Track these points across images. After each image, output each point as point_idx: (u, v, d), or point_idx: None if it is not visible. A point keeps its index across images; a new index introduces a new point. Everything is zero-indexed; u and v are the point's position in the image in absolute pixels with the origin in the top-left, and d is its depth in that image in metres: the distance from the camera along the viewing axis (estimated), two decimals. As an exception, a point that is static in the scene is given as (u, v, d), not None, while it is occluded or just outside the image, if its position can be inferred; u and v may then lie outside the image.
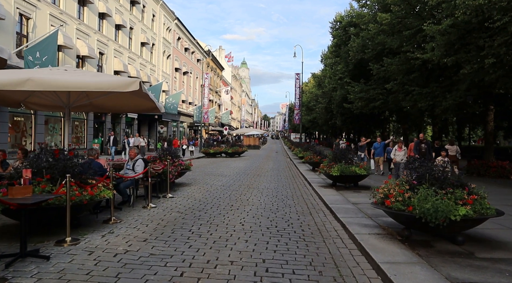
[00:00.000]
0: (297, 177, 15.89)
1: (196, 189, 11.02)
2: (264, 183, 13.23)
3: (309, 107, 52.50)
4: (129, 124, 31.97)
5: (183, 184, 12.15)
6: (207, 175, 15.53)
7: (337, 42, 27.37)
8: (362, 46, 21.26)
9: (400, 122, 29.63)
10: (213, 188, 11.37)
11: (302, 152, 24.21)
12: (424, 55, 13.49)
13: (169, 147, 28.46)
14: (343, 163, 11.53)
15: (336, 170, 11.31)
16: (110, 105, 9.72)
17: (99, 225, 6.16)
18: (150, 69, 35.33)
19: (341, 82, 24.90)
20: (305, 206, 8.81)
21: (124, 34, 29.73)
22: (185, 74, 47.39)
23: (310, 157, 18.32)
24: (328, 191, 10.83)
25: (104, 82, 6.83)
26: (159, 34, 37.52)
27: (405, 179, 5.73)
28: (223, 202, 8.94)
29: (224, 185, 12.18)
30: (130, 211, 7.39)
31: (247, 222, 6.76)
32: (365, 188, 11.51)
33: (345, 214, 7.46)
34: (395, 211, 5.16)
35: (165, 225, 6.32)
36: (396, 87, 17.87)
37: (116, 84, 6.69)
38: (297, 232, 6.19)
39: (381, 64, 19.24)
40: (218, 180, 13.57)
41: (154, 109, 9.66)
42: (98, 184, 5.83)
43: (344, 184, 11.67)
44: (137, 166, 7.97)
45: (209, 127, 59.54)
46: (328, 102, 34.89)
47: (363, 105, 22.05)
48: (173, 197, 9.31)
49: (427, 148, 11.63)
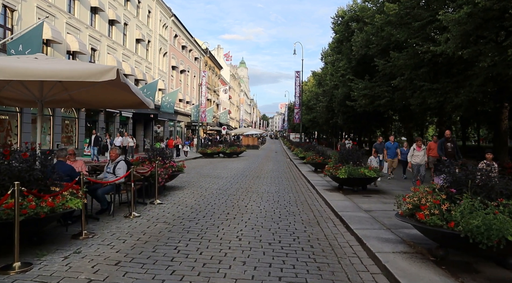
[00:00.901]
0: (299, 179, 14.85)
1: (189, 193, 9.96)
2: (264, 185, 12.18)
3: (309, 107, 51.44)
4: (124, 124, 30.87)
5: (175, 187, 11.08)
6: (203, 176, 14.47)
7: (339, 38, 26.32)
8: (366, 41, 20.21)
9: (403, 121, 28.60)
10: (208, 192, 10.31)
11: (303, 152, 23.17)
12: (437, 47, 12.45)
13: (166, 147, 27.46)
14: (351, 164, 10.49)
15: (343, 172, 10.26)
16: (92, 100, 8.67)
17: (66, 241, 5.10)
18: (145, 67, 34.24)
19: (344, 80, 23.85)
20: (311, 214, 7.76)
21: (118, 30, 28.64)
22: (182, 73, 46.28)
23: (312, 157, 17.28)
24: (335, 196, 9.79)
25: (75, 70, 5.79)
26: (155, 31, 36.42)
27: (437, 185, 4.69)
28: (218, 209, 7.89)
29: (220, 189, 11.12)
30: (108, 222, 6.33)
31: (245, 236, 5.71)
32: (375, 192, 10.49)
33: (359, 224, 6.42)
34: (431, 227, 4.10)
35: (146, 241, 5.26)
36: (404, 84, 16.80)
37: (89, 73, 5.65)
38: (305, 249, 5.15)
39: (386, 60, 18.20)
40: (214, 183, 12.52)
41: (140, 104, 8.61)
42: (62, 192, 4.77)
43: (352, 187, 10.62)
44: (118, 169, 6.91)
45: (207, 127, 58.47)
46: (329, 100, 33.84)
47: (367, 103, 21.00)
48: (162, 203, 8.25)
49: (454, 147, 10.06)
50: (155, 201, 8.25)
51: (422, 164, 11.25)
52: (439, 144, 10.32)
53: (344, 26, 26.32)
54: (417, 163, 11.24)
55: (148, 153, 10.46)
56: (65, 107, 16.67)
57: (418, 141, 11.50)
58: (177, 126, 46.04)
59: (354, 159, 10.63)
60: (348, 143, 20.44)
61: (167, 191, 10.20)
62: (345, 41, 25.13)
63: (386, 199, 9.26)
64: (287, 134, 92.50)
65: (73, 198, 4.92)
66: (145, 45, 34.36)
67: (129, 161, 7.36)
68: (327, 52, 40.45)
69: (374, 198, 9.41)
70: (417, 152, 11.25)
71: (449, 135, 10.34)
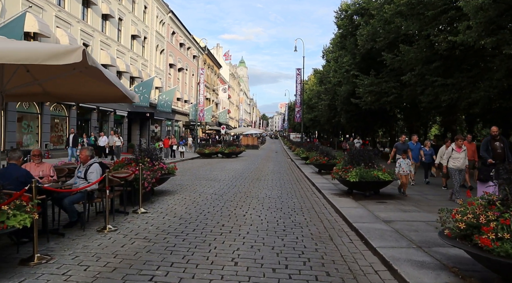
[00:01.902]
0: (302, 181, 13.70)
1: (180, 199, 8.80)
2: (265, 189, 11.03)
3: (310, 106, 50.22)
4: (119, 123, 29.72)
5: (165, 192, 9.93)
6: (198, 179, 13.31)
7: (343, 33, 25.15)
8: (372, 34, 19.05)
9: (408, 120, 27.45)
10: (202, 198, 9.15)
11: (306, 152, 22.02)
12: (456, 37, 11.29)
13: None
14: (362, 166, 9.35)
15: (354, 174, 9.12)
16: (67, 93, 7.50)
17: (10, 269, 3.94)
18: (142, 64, 33.08)
19: (348, 76, 22.68)
20: (321, 225, 6.61)
21: (112, 25, 27.47)
22: (180, 71, 45.13)
23: (316, 158, 16.11)
24: (345, 201, 8.64)
25: (32, 50, 4.65)
26: (151, 27, 35.26)
27: (492, 196, 3.55)
28: (212, 219, 6.74)
29: (216, 193, 9.96)
30: (75, 239, 5.17)
31: (243, 259, 4.55)
32: (390, 197, 9.33)
33: (381, 240, 5.28)
34: (502, 259, 2.94)
35: (115, 267, 4.10)
36: (414, 79, 15.65)
37: (48, 54, 4.51)
38: (320, 278, 3.99)
39: (395, 54, 17.06)
40: (209, 186, 11.36)
41: (123, 98, 7.47)
42: (3, 206, 3.62)
43: (364, 191, 9.46)
44: (90, 173, 5.75)
45: (206, 127, 57.31)
46: (332, 99, 32.66)
47: (373, 100, 19.84)
48: (146, 212, 7.10)
49: (504, 147, 8.13)
50: (138, 209, 7.10)
51: (463, 168, 9.22)
52: (484, 143, 8.46)
53: (348, 20, 25.16)
54: (458, 167, 9.02)
55: (135, 153, 9.30)
56: (37, 100, 15.31)
57: (458, 140, 9.17)
58: (175, 126, 44.87)
59: (366, 160, 9.49)
60: (358, 141, 18.90)
61: (156, 196, 9.05)
62: (349, 36, 23.98)
63: (404, 206, 8.12)
64: (287, 134, 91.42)
65: (19, 213, 3.77)
66: (141, 42, 33.20)
67: (104, 164, 6.20)
68: (328, 49, 39.31)
69: (390, 205, 8.26)
70: (457, 154, 9.05)
71: (496, 132, 8.39)
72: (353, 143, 19.31)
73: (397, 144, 11.64)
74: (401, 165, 9.77)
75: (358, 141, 18.62)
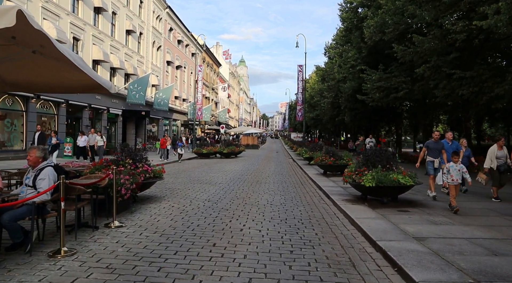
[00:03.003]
0: (307, 184, 12.40)
1: (166, 208, 7.50)
2: (266, 194, 9.73)
3: (311, 104, 48.81)
4: (112, 121, 28.41)
5: (151, 198, 8.64)
6: (192, 182, 12.01)
7: (348, 26, 23.82)
8: (381, 25, 17.72)
9: (414, 118, 26.10)
10: (193, 205, 7.86)
11: (309, 152, 20.72)
12: (483, 22, 9.97)
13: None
14: (379, 168, 8.05)
15: (370, 178, 7.83)
16: (23, 80, 6.23)
17: None
18: (137, 60, 31.78)
19: (353, 71, 21.35)
20: (337, 243, 5.32)
21: (105, 19, 26.17)
22: (179, 69, 43.82)
23: (321, 159, 14.81)
24: (361, 210, 7.34)
25: None
26: (147, 23, 33.96)
27: None
28: (201, 236, 5.44)
29: (211, 200, 8.66)
30: (13, 269, 3.87)
31: (237, 302, 3.26)
32: (411, 204, 8.03)
33: (421, 269, 3.98)
34: None
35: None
36: (429, 72, 14.33)
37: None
38: None
39: (406, 45, 15.75)
40: (203, 191, 10.06)
41: (97, 88, 6.25)
42: None
43: (381, 198, 8.16)
44: (40, 180, 4.45)
45: (205, 126, 56.01)
46: (335, 96, 31.31)
47: (382, 96, 18.50)
48: (121, 226, 5.80)
49: None
50: (112, 223, 5.80)
51: None
52: None
53: (353, 13, 23.83)
54: None
55: (116, 153, 8.03)
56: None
57: (501, 140, 8.66)
58: (173, 125, 43.57)
59: (384, 162, 8.19)
60: (370, 141, 17.28)
61: (139, 204, 7.76)
62: (354, 30, 22.66)
63: (433, 216, 6.81)
64: (288, 134, 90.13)
65: None
66: (137, 38, 31.89)
67: (60, 167, 4.90)
68: (331, 46, 38.01)
69: (415, 215, 6.96)
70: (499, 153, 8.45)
71: None
72: (363, 142, 17.62)
73: (428, 142, 9.33)
74: (450, 172, 7.51)
75: (371, 140, 16.95)
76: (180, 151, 22.17)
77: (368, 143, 16.24)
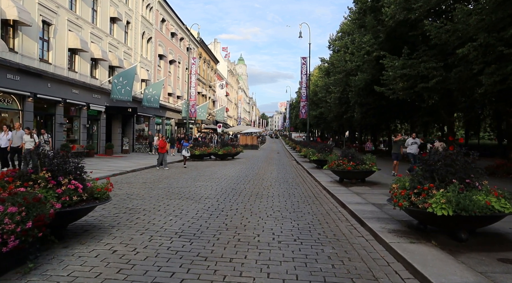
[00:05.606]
0: (322, 198, 9.31)
1: (100, 256, 4.38)
2: (269, 220, 6.63)
3: (314, 102, 45.58)
4: (94, 119, 25.19)
5: (91, 229, 5.53)
6: (169, 196, 8.90)
7: (362, 7, 20.68)
8: (405, 1, 14.63)
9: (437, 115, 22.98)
10: (151, 247, 4.74)
11: (317, 154, 17.63)
12: None
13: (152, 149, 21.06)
14: (457, 184, 4.95)
15: (441, 201, 4.74)
16: None
17: None
18: (124, 52, 28.64)
19: (369, 59, 18.26)
20: None
21: (84, 4, 23.03)
22: (172, 64, 40.65)
23: (337, 163, 11.70)
24: (437, 259, 4.24)
25: None
26: (136, 11, 30.84)
27: None
28: None
29: (183, 233, 5.54)
30: None
31: None
32: (498, 241, 4.92)
33: None
34: None
35: None
36: (475, 53, 11.24)
37: None
38: None
39: (442, 22, 12.67)
40: (179, 213, 6.95)
41: None
42: None
43: (457, 231, 5.03)
44: None
45: (201, 125, 52.88)
46: (343, 91, 28.18)
47: (406, 86, 15.39)
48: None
49: None
50: None
51: None
52: None
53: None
54: None
55: (28, 162, 4.94)
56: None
57: None
58: (166, 124, 40.39)
59: (460, 174, 5.09)
60: (414, 141, 13.00)
61: (62, 243, 4.65)
62: (369, 12, 19.58)
63: None
64: (288, 133, 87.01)
65: None
66: (123, 27, 28.74)
67: None
68: (337, 37, 34.92)
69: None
70: None
71: None
72: (401, 141, 13.61)
73: None
74: None
75: (414, 141, 12.81)
76: (185, 153, 18.79)
77: (411, 144, 12.70)
